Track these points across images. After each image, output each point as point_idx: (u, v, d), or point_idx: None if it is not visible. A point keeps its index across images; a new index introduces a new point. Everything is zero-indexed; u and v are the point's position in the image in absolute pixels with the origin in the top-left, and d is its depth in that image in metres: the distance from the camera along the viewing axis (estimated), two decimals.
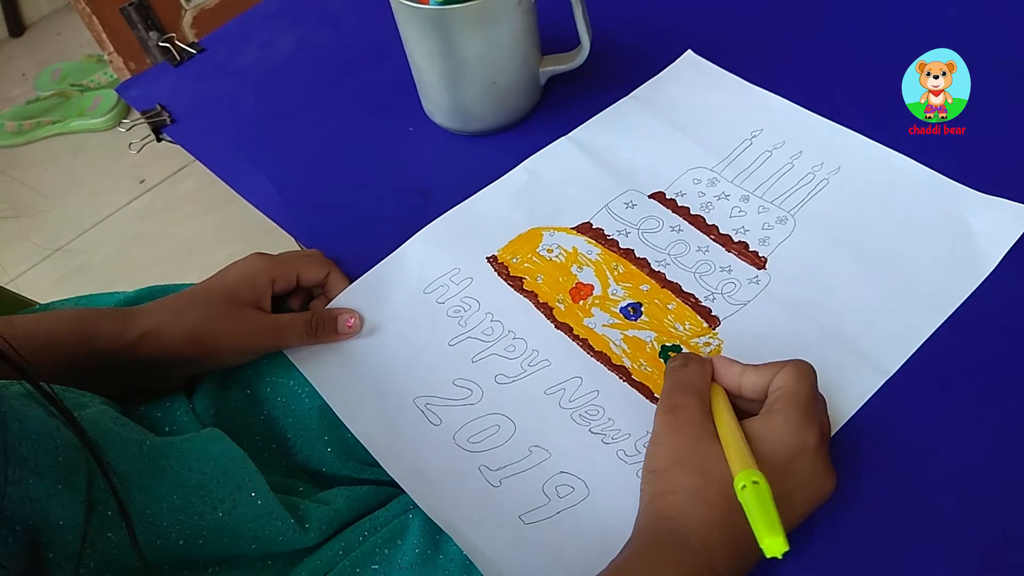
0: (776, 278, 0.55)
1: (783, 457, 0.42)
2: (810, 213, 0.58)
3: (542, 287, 0.57)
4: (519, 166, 0.64)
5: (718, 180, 0.61)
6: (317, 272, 0.58)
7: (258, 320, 0.54)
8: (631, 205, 0.61)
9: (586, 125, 0.66)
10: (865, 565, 0.44)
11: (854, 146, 0.61)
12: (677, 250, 0.58)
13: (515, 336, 0.55)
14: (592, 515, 0.47)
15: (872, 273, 0.54)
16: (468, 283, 0.58)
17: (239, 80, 0.78)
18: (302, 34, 0.82)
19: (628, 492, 0.46)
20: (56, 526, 0.37)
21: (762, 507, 0.38)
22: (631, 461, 0.48)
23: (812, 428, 0.42)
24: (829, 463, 0.43)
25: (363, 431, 0.52)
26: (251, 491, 0.46)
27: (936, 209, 0.57)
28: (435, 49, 0.61)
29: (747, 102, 0.66)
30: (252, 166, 0.70)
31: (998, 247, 0.54)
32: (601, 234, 0.59)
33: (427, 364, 0.54)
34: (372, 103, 0.73)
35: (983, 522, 0.44)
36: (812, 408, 0.43)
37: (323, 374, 0.55)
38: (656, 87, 0.68)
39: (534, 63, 0.65)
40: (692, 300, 0.55)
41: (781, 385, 0.44)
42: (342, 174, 0.68)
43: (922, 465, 0.46)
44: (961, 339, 0.51)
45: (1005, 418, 0.47)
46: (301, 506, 0.48)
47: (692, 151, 0.63)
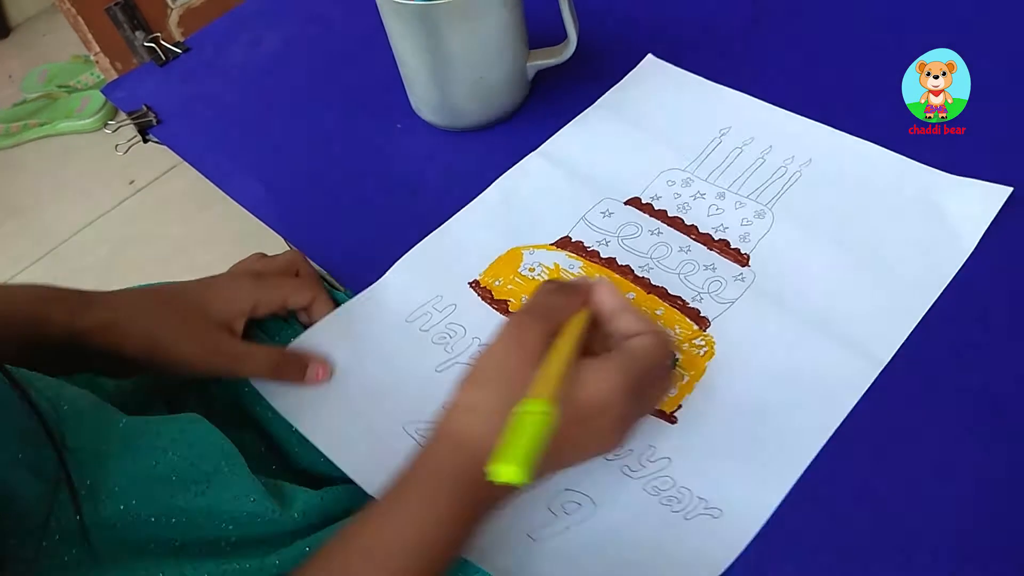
0: (761, 274, 0.55)
1: (589, 406, 0.41)
2: (787, 206, 0.58)
3: None
4: (491, 186, 0.63)
5: (692, 180, 0.61)
6: (303, 298, 0.56)
7: (220, 342, 0.52)
8: (608, 214, 0.60)
9: (555, 137, 0.66)
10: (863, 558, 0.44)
11: (822, 138, 0.61)
12: (659, 253, 0.57)
13: None
14: (603, 529, 0.46)
15: (854, 263, 0.54)
16: (452, 309, 0.56)
17: (225, 79, 0.78)
18: (288, 32, 0.81)
19: (637, 506, 0.46)
20: (19, 497, 0.37)
21: (525, 436, 0.37)
22: (636, 476, 0.47)
23: (630, 394, 0.42)
24: (630, 428, 0.44)
25: (352, 465, 0.49)
26: (229, 473, 0.45)
27: (910, 195, 0.57)
28: (421, 45, 0.61)
29: (712, 101, 0.66)
30: (239, 165, 0.70)
31: (975, 229, 0.54)
32: (581, 246, 0.59)
33: (415, 390, 0.53)
34: (359, 100, 0.73)
35: (976, 513, 0.44)
36: (645, 376, 0.43)
37: (300, 409, 0.52)
38: (620, 93, 0.68)
39: (521, 58, 0.65)
40: (680, 303, 0.55)
41: (634, 343, 0.44)
42: (330, 172, 0.68)
43: (913, 453, 0.46)
44: (946, 322, 0.51)
45: (995, 399, 0.47)
46: (286, 489, 0.47)
47: (663, 153, 0.63)
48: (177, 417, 0.47)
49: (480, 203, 0.62)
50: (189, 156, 0.71)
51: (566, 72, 0.67)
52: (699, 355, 0.52)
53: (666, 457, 0.48)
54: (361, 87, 0.74)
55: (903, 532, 0.44)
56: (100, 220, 1.66)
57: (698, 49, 0.70)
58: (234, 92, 0.76)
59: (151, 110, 0.76)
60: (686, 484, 0.47)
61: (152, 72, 0.80)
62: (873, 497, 0.45)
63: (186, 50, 0.81)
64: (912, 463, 0.46)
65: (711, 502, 0.46)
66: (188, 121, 0.75)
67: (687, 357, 0.52)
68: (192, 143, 0.73)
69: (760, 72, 0.67)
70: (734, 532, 0.45)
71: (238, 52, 0.80)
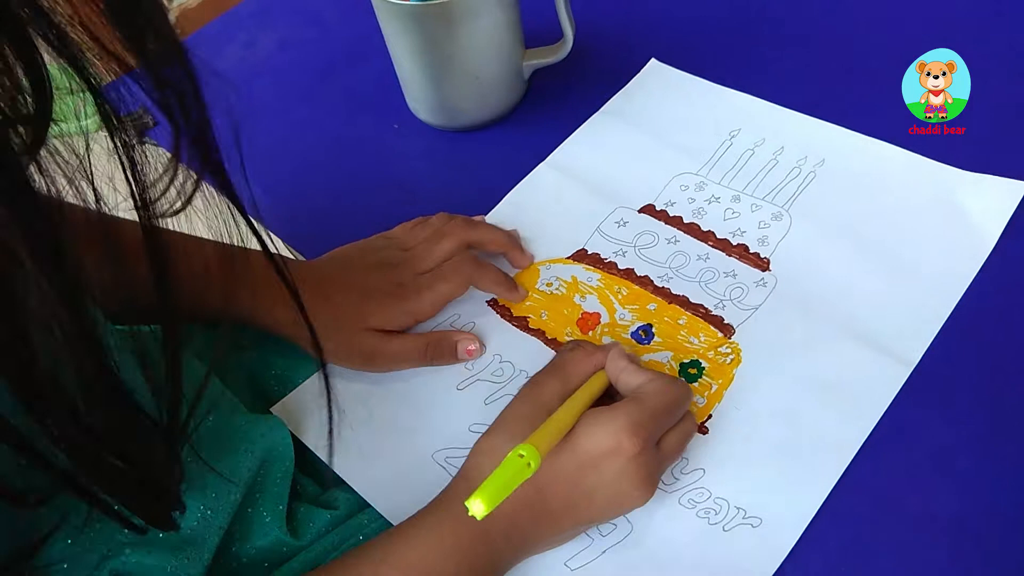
0: (783, 279, 0.54)
1: (594, 452, 0.42)
2: (804, 207, 0.58)
3: (548, 323, 0.55)
4: (502, 201, 0.62)
5: (705, 184, 0.61)
6: (484, 284, 0.56)
7: (374, 346, 0.53)
8: (623, 223, 0.60)
9: (562, 147, 0.65)
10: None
11: (834, 138, 0.61)
12: (677, 262, 0.57)
13: (528, 375, 0.52)
14: (641, 548, 0.45)
15: (876, 264, 0.54)
16: (471, 327, 0.56)
17: (221, 82, 0.78)
18: (284, 33, 0.81)
19: (674, 520, 0.46)
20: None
21: (501, 476, 0.38)
22: (671, 489, 0.47)
23: (636, 436, 0.42)
24: (650, 476, 0.43)
25: (381, 499, 0.49)
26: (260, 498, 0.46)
27: (926, 192, 0.57)
28: (417, 45, 0.61)
29: (719, 104, 0.65)
30: (235, 167, 0.69)
31: (994, 225, 0.54)
32: (598, 258, 0.58)
33: (437, 413, 0.52)
34: (356, 101, 0.73)
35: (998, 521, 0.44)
36: (651, 419, 0.43)
37: (322, 440, 0.50)
38: (625, 99, 0.67)
39: (517, 57, 0.65)
40: (702, 311, 0.54)
41: (640, 391, 0.44)
42: (327, 173, 0.68)
43: (946, 454, 0.46)
44: (972, 321, 0.51)
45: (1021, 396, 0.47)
46: (303, 515, 0.48)
47: (674, 158, 0.62)
48: (260, 418, 0.48)
49: (490, 219, 0.61)
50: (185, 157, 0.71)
51: (563, 71, 0.67)
52: (726, 363, 0.51)
53: (700, 468, 0.47)
54: (357, 88, 0.73)
55: (942, 531, 0.44)
56: None
57: (695, 49, 0.69)
58: (230, 94, 0.76)
59: (148, 112, 0.75)
60: (722, 495, 0.46)
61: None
62: (908, 499, 0.45)
63: None
64: (944, 461, 0.46)
65: (750, 511, 0.45)
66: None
67: (714, 366, 0.51)
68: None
69: (760, 73, 0.66)
70: (776, 540, 0.44)
71: (234, 54, 0.80)
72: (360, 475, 0.50)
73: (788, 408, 0.49)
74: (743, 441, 0.48)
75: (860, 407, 0.48)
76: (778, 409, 0.49)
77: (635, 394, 0.44)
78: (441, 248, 0.55)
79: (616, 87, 0.68)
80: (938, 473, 0.46)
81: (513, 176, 0.64)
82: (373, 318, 0.53)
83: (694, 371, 0.51)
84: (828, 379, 0.49)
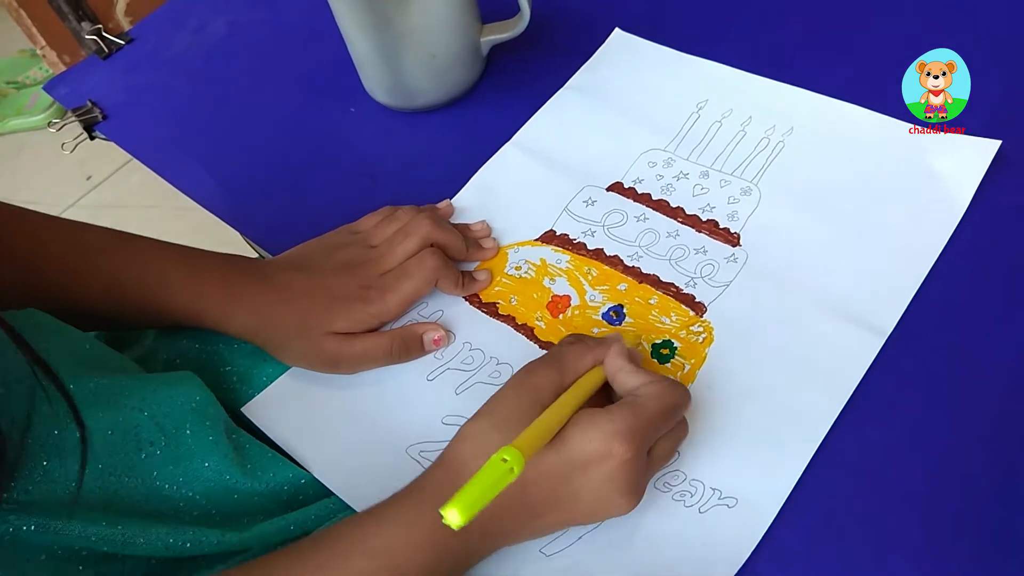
0: (753, 254, 0.54)
1: (584, 454, 0.41)
2: (772, 180, 0.57)
3: (518, 308, 0.54)
4: (468, 183, 0.61)
5: (673, 160, 0.60)
6: (445, 285, 0.54)
7: (338, 349, 0.51)
8: (591, 202, 0.58)
9: (527, 126, 0.63)
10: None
11: (802, 102, 0.60)
12: (647, 240, 0.56)
13: (499, 362, 0.52)
14: (617, 534, 0.45)
15: (847, 233, 0.53)
16: (439, 316, 0.55)
17: (171, 69, 0.75)
18: (234, 17, 0.79)
19: (650, 504, 0.45)
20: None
21: (481, 484, 0.36)
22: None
23: (629, 443, 0.40)
24: (638, 484, 0.42)
25: (357, 498, 0.47)
26: (191, 436, 0.45)
27: (897, 155, 0.56)
28: (369, 23, 0.59)
29: (686, 74, 0.64)
30: (190, 159, 0.67)
31: (967, 186, 0.53)
32: (567, 239, 0.57)
33: (409, 406, 0.51)
34: (310, 85, 0.71)
35: (987, 482, 0.44)
36: (647, 426, 0.42)
37: (297, 440, 0.50)
38: (590, 73, 0.66)
39: (474, 33, 0.63)
40: (673, 290, 0.53)
41: (637, 394, 0.43)
42: (284, 161, 0.66)
43: (921, 421, 0.46)
44: (945, 286, 0.50)
45: (1002, 360, 0.47)
46: (260, 457, 0.48)
47: (641, 134, 0.61)
48: (168, 376, 0.47)
49: (457, 201, 0.60)
50: (137, 151, 0.69)
51: (521, 46, 0.65)
52: (698, 342, 0.51)
53: (675, 451, 0.47)
54: (311, 71, 0.71)
55: (919, 500, 0.44)
56: None
57: (661, 17, 0.68)
58: (181, 83, 0.74)
59: (96, 105, 0.73)
60: (697, 476, 0.46)
61: (96, 65, 0.77)
62: (887, 469, 0.45)
63: (129, 41, 0.79)
64: (920, 432, 0.46)
65: (725, 492, 0.45)
66: (135, 115, 0.72)
67: (686, 345, 0.50)
68: (140, 137, 0.70)
69: (727, 42, 0.65)
70: (752, 520, 0.44)
71: (183, 40, 0.78)
72: (334, 474, 0.49)
73: (761, 385, 0.48)
74: (716, 421, 0.47)
75: (834, 381, 0.47)
76: (751, 387, 0.48)
77: (632, 396, 0.43)
78: (404, 248, 0.54)
79: (579, 59, 0.66)
80: (912, 447, 0.45)
81: (476, 156, 0.62)
82: (337, 322, 0.51)
83: (666, 351, 0.50)
84: (801, 354, 0.49)
